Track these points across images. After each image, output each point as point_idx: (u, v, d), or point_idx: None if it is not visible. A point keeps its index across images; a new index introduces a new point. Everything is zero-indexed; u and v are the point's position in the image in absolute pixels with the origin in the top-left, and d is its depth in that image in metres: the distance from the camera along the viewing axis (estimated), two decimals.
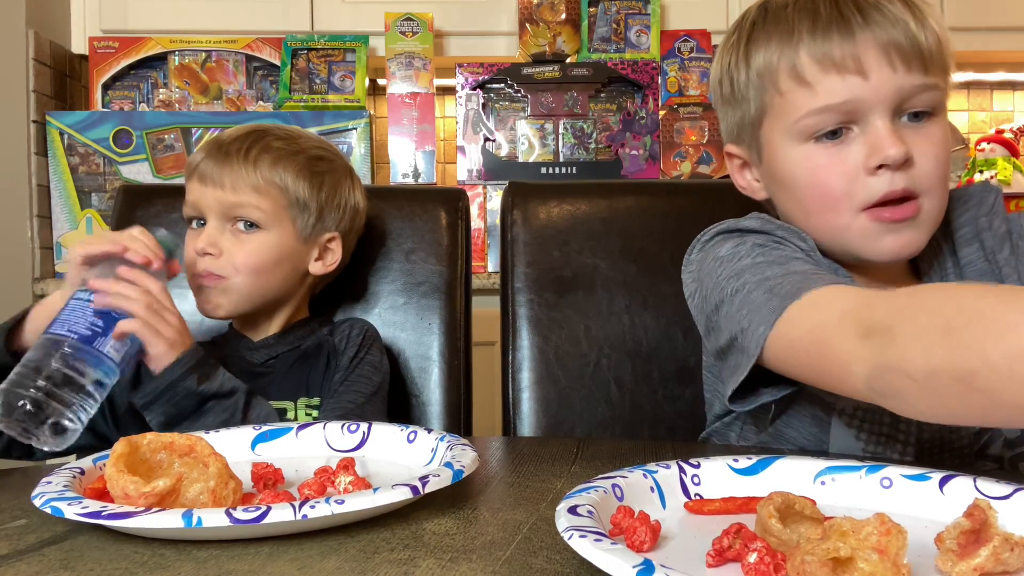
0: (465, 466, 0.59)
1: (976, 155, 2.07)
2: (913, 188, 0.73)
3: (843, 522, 0.42)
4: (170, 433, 0.60)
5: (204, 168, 0.99)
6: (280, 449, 0.74)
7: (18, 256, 1.81)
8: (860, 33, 0.72)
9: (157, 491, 0.53)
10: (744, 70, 0.80)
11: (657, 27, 2.08)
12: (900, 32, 0.72)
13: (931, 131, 0.75)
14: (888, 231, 0.74)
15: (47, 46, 1.93)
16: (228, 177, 0.98)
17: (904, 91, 0.73)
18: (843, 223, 0.76)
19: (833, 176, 0.75)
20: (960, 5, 2.09)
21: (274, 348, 1.03)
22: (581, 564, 0.46)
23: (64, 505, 0.51)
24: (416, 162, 2.02)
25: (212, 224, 0.99)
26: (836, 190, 0.75)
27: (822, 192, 0.76)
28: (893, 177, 0.73)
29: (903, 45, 0.72)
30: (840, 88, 0.73)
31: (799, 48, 0.74)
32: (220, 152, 1.00)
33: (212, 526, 0.49)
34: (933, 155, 0.74)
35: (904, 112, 0.74)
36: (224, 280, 0.98)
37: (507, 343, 1.15)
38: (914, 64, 0.72)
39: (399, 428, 0.74)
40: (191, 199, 1.01)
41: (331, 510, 0.50)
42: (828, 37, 0.73)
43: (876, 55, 0.72)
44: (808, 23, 0.74)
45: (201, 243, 0.98)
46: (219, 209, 0.99)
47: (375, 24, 2.06)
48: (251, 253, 0.99)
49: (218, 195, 0.99)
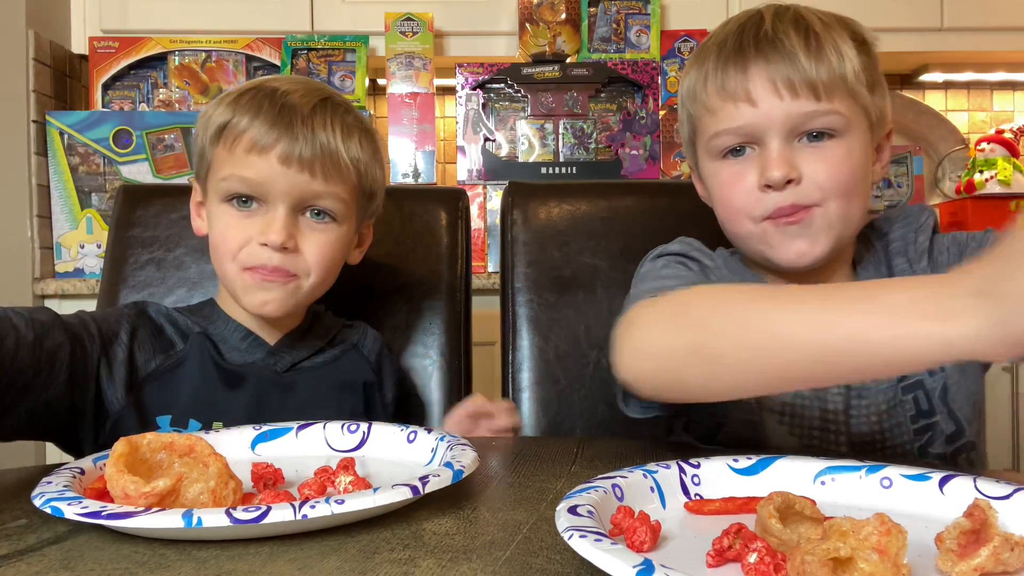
0: (465, 466, 0.59)
1: (976, 155, 2.07)
2: (801, 201, 0.80)
3: (843, 522, 0.42)
4: (170, 433, 0.60)
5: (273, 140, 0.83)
6: (280, 449, 0.74)
7: (18, 256, 1.81)
8: (752, 66, 0.80)
9: (157, 491, 0.53)
10: (680, 93, 0.90)
11: (657, 27, 2.08)
12: (788, 65, 0.79)
13: (828, 150, 0.80)
14: (784, 236, 0.81)
15: (47, 46, 1.93)
16: (319, 162, 0.84)
17: (794, 117, 0.79)
18: (745, 231, 0.84)
19: (734, 192, 0.83)
20: (960, 5, 2.09)
21: (295, 352, 0.94)
22: (581, 564, 0.46)
23: (64, 505, 0.51)
24: (416, 162, 2.02)
25: (283, 212, 0.84)
26: (736, 203, 0.83)
27: (727, 204, 0.85)
28: (782, 194, 0.80)
29: (791, 77, 0.79)
30: (734, 115, 0.81)
31: (707, 78, 0.83)
32: (292, 121, 0.84)
33: (212, 526, 0.49)
34: (826, 172, 0.79)
35: (802, 134, 0.81)
36: (295, 280, 0.86)
37: (507, 343, 1.15)
38: (803, 93, 0.79)
39: (399, 428, 0.74)
40: (253, 177, 0.83)
41: (331, 510, 0.50)
42: (726, 70, 0.81)
43: (764, 86, 0.79)
44: (714, 56, 0.83)
45: (277, 236, 0.83)
46: (298, 196, 0.85)
47: (375, 24, 2.06)
48: (325, 249, 0.87)
49: (301, 180, 0.84)
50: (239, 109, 0.85)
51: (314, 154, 0.84)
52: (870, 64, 0.82)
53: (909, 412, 0.83)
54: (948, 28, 2.11)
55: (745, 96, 0.80)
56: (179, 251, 1.16)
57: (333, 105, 0.88)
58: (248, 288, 0.86)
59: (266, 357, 0.92)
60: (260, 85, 0.88)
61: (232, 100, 0.86)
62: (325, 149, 0.85)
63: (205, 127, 0.88)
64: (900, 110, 2.35)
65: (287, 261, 0.85)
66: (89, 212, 1.89)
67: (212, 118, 0.87)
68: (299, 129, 0.84)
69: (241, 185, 0.84)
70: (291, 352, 0.94)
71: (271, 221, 0.84)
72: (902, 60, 2.26)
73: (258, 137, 0.83)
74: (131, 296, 1.15)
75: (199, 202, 0.93)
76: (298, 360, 0.94)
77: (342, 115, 0.88)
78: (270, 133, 0.83)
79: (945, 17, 2.10)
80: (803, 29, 0.80)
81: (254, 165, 0.83)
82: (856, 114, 0.81)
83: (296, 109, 0.84)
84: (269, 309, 0.87)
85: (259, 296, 0.86)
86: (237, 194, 0.85)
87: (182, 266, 1.15)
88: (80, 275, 1.87)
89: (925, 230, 0.88)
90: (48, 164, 1.87)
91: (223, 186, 0.85)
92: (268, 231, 0.84)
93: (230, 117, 0.85)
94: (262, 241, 0.84)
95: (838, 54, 0.79)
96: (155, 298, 1.15)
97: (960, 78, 2.38)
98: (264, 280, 0.85)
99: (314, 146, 0.84)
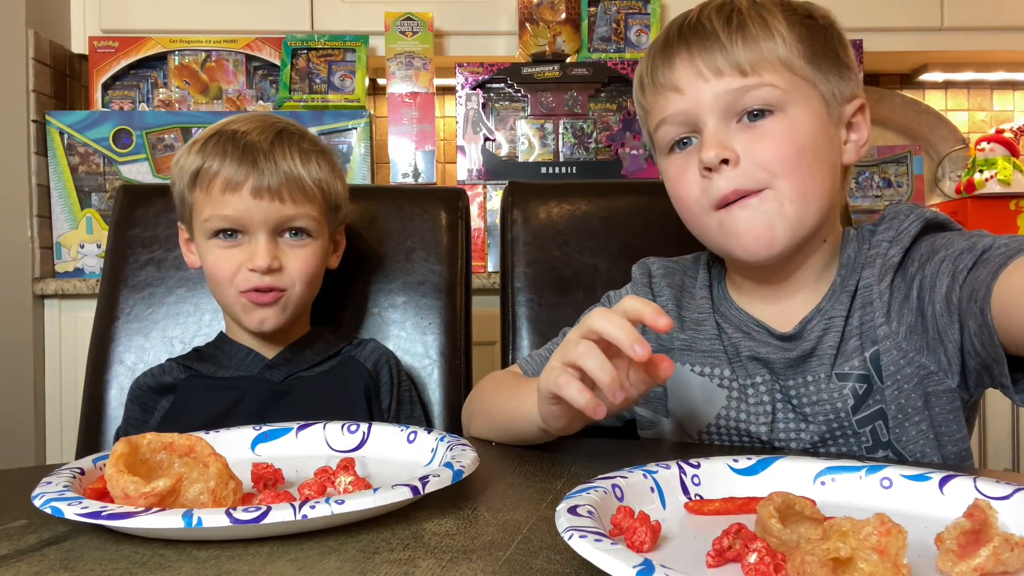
0: (465, 466, 0.59)
1: (976, 155, 2.07)
2: (745, 185, 0.77)
3: (843, 522, 0.42)
4: (170, 433, 0.60)
5: (243, 178, 0.92)
6: (280, 449, 0.74)
7: (18, 256, 1.81)
8: (676, 56, 0.80)
9: (157, 491, 0.53)
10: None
11: (657, 27, 2.08)
12: (710, 48, 0.78)
13: (767, 127, 0.78)
14: (737, 223, 0.78)
15: (47, 46, 1.92)
16: (286, 189, 0.94)
17: (722, 96, 0.78)
18: (701, 226, 0.82)
19: (680, 183, 0.82)
20: (960, 5, 2.09)
21: (293, 365, 1.01)
22: (581, 564, 0.46)
23: (64, 505, 0.51)
24: (416, 162, 2.02)
25: (263, 238, 0.94)
26: (683, 195, 0.82)
27: (677, 198, 0.83)
28: (724, 179, 0.77)
29: (713, 58, 0.78)
30: (665, 105, 0.81)
31: (642, 78, 0.85)
32: (256, 158, 0.93)
33: (212, 526, 0.49)
34: (769, 150, 0.76)
35: (741, 113, 0.78)
36: (284, 294, 0.96)
37: (507, 343, 1.15)
38: (728, 71, 0.77)
39: (399, 428, 0.74)
40: (231, 214, 0.93)
41: (331, 510, 0.50)
42: (655, 65, 0.82)
43: (687, 71, 0.79)
44: (648, 56, 0.84)
45: (262, 261, 0.93)
46: (274, 222, 0.94)
47: (375, 24, 2.06)
48: (306, 263, 0.97)
49: (273, 208, 0.94)
50: (207, 155, 0.95)
51: (280, 182, 0.94)
52: (813, 37, 0.79)
53: (865, 444, 0.79)
54: (948, 28, 2.11)
55: (672, 86, 0.80)
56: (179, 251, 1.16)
57: (288, 135, 0.98)
58: (246, 308, 0.97)
59: (263, 370, 1.00)
60: (221, 130, 0.97)
61: (199, 147, 0.96)
62: (290, 176, 0.94)
63: (180, 175, 0.97)
64: (900, 110, 2.35)
65: (275, 280, 0.96)
66: (89, 212, 1.89)
67: (185, 166, 0.96)
68: (263, 164, 0.93)
69: (223, 222, 0.94)
70: (287, 365, 1.01)
71: (255, 248, 0.94)
72: (902, 60, 2.26)
73: (229, 177, 0.93)
74: (131, 296, 1.15)
75: (187, 239, 1.03)
76: (294, 372, 1.01)
77: (298, 143, 0.98)
78: (239, 172, 0.93)
79: (945, 17, 2.10)
80: (727, 12, 0.79)
81: (231, 203, 0.93)
82: (796, 86, 0.78)
83: (257, 146, 0.94)
84: (267, 325, 0.97)
85: (256, 315, 0.97)
86: (221, 230, 0.95)
87: (182, 266, 1.15)
88: (80, 275, 1.87)
89: (902, 240, 0.79)
90: (48, 164, 1.87)
91: (207, 226, 0.95)
92: (254, 258, 0.94)
93: (201, 163, 0.95)
94: (251, 267, 0.94)
95: (765, 30, 0.78)
96: (155, 298, 1.16)
97: (960, 78, 2.37)
98: (261, 302, 0.96)
99: (279, 176, 0.94)
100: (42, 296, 1.82)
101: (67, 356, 1.81)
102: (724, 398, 0.84)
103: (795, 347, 0.81)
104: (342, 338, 1.08)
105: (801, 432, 0.81)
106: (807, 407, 0.80)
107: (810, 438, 0.80)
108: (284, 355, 1.02)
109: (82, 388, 1.14)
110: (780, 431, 0.82)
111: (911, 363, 0.76)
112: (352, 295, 1.16)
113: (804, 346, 0.80)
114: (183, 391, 0.99)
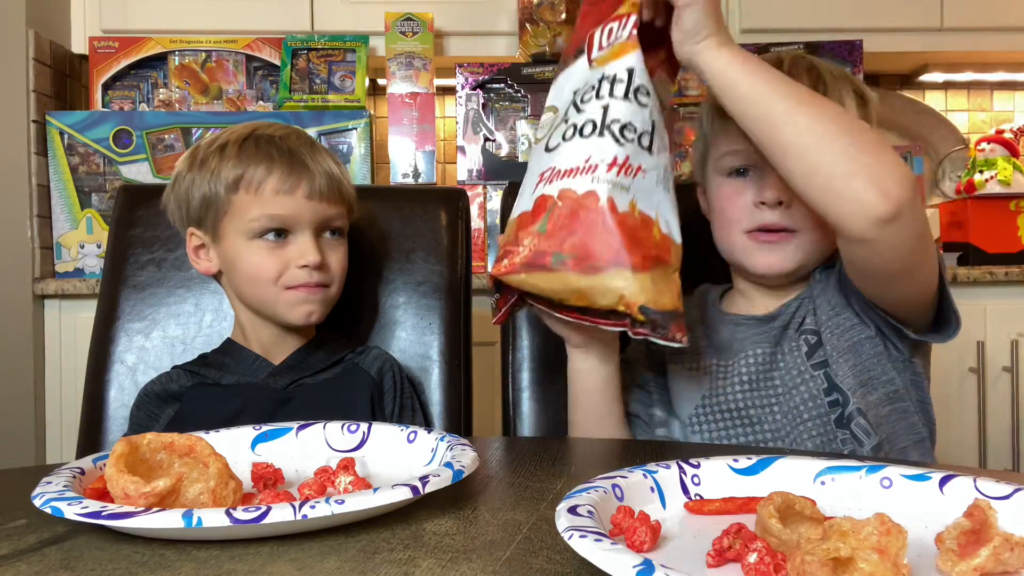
0: (465, 466, 0.59)
1: (976, 155, 2.07)
2: (787, 224, 0.90)
3: (843, 522, 0.42)
4: (170, 433, 0.60)
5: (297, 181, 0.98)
6: (280, 449, 0.74)
7: (18, 256, 1.81)
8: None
9: (157, 491, 0.53)
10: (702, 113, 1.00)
11: None
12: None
13: None
14: (761, 251, 0.92)
15: (47, 46, 1.93)
16: (328, 191, 0.99)
17: None
18: (731, 241, 0.95)
19: (732, 205, 0.94)
20: (960, 5, 2.09)
21: (296, 371, 1.03)
22: (581, 564, 0.46)
23: (64, 505, 0.51)
24: (416, 162, 2.02)
25: (308, 236, 0.99)
26: (731, 215, 0.94)
27: (723, 215, 0.95)
28: (773, 213, 0.90)
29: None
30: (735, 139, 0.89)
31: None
32: (304, 162, 0.99)
33: (212, 526, 0.49)
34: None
35: None
36: (328, 290, 1.02)
37: (507, 343, 1.15)
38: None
39: (399, 428, 0.74)
40: (284, 213, 0.98)
41: (331, 510, 0.50)
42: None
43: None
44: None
45: (314, 257, 0.98)
46: (320, 222, 1.00)
47: (375, 24, 2.06)
48: (342, 261, 1.03)
49: (320, 209, 0.99)
50: (249, 160, 0.98)
51: (327, 185, 1.00)
52: (866, 118, 0.91)
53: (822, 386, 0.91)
54: (948, 28, 2.10)
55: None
56: (180, 251, 1.16)
57: (313, 141, 1.04)
58: (292, 304, 1.00)
59: (267, 377, 1.02)
60: (253, 134, 1.01)
61: (235, 153, 0.99)
62: (332, 178, 1.01)
63: (214, 180, 0.99)
64: (900, 110, 2.35)
65: (323, 276, 1.00)
66: (89, 212, 1.89)
67: (222, 172, 0.99)
68: (313, 167, 0.99)
69: (272, 221, 0.98)
70: (292, 372, 1.02)
71: (304, 246, 0.98)
72: (902, 60, 2.26)
73: (282, 179, 0.98)
74: (132, 296, 1.15)
75: (199, 246, 1.03)
76: (298, 378, 1.02)
77: (321, 148, 1.04)
78: (291, 175, 0.98)
79: (945, 17, 2.10)
80: (815, 76, 0.90)
81: (284, 204, 0.98)
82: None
83: (301, 151, 1.00)
84: (314, 318, 1.01)
85: (304, 308, 1.00)
86: (269, 229, 0.98)
87: (183, 266, 1.15)
88: (80, 275, 1.87)
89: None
90: (48, 164, 1.87)
91: (254, 226, 0.98)
92: (306, 255, 0.98)
93: (244, 169, 0.98)
94: (301, 264, 0.98)
95: (840, 103, 0.88)
96: (156, 298, 1.16)
97: (960, 78, 2.37)
98: (308, 294, 1.00)
99: (325, 178, 1.00)
100: (42, 296, 1.82)
101: (67, 356, 1.81)
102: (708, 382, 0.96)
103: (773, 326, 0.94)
104: (346, 344, 1.08)
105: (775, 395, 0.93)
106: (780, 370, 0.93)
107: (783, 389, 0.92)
108: (289, 362, 1.03)
109: (82, 388, 1.14)
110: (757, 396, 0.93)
111: (839, 315, 0.92)
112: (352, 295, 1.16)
113: (777, 324, 0.94)
114: (189, 399, 1.00)
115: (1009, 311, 1.88)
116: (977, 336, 1.86)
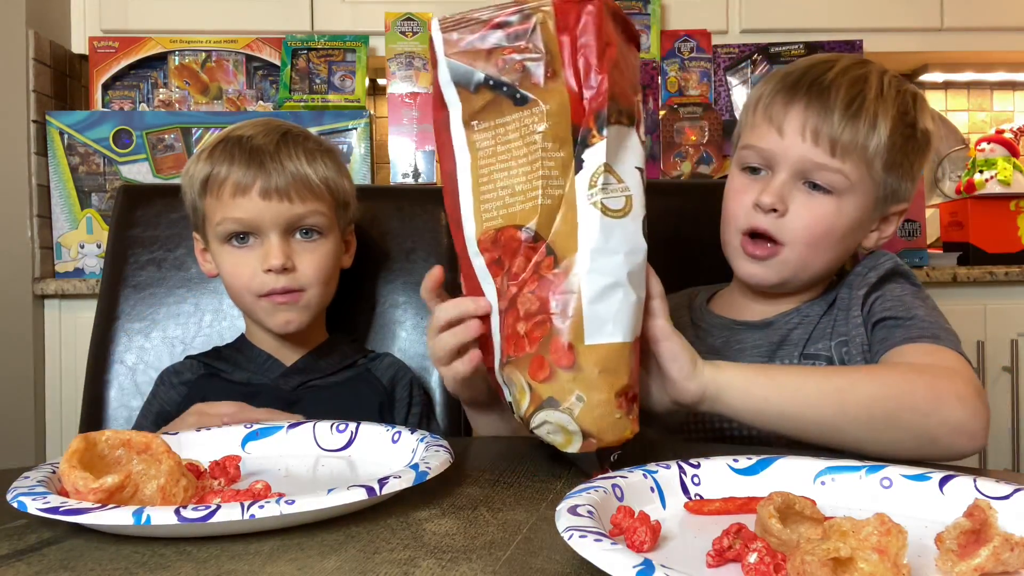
0: (431, 467, 0.59)
1: (976, 155, 2.07)
2: (776, 234, 0.88)
3: (843, 522, 0.42)
4: (128, 431, 0.60)
5: (251, 180, 0.94)
6: (269, 447, 0.75)
7: (18, 256, 1.80)
8: (794, 105, 0.88)
9: (105, 487, 0.54)
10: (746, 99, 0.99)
11: (657, 27, 2.08)
12: (821, 117, 0.86)
13: (817, 202, 0.88)
14: (747, 260, 0.91)
15: (47, 46, 1.92)
16: (293, 188, 0.95)
17: (805, 161, 0.87)
18: (728, 239, 0.94)
19: (734, 200, 0.92)
20: (960, 5, 2.09)
21: (307, 374, 1.02)
22: (581, 564, 0.46)
23: (29, 500, 0.52)
24: (416, 162, 2.02)
25: (276, 239, 0.95)
26: (731, 211, 0.93)
27: (727, 208, 0.94)
28: (766, 218, 0.89)
29: (818, 127, 0.86)
30: (764, 136, 0.89)
31: (761, 98, 0.91)
32: (262, 160, 0.95)
33: (160, 524, 0.49)
34: (807, 219, 0.88)
35: (806, 179, 0.88)
36: (302, 294, 0.97)
37: None
38: (823, 145, 0.86)
39: (385, 428, 0.74)
40: (242, 216, 0.95)
41: (280, 510, 0.51)
42: (775, 98, 0.90)
43: (794, 124, 0.87)
44: (777, 81, 0.91)
45: (276, 260, 0.94)
46: (284, 223, 0.96)
47: (375, 24, 2.06)
48: (319, 262, 0.98)
49: (283, 209, 0.95)
50: (215, 161, 0.96)
51: (288, 182, 0.95)
52: (904, 148, 0.88)
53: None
54: (948, 28, 2.10)
55: (777, 125, 0.88)
56: (180, 251, 1.16)
57: (293, 137, 1.00)
58: (269, 313, 0.98)
59: (277, 378, 1.01)
60: (227, 136, 0.99)
61: (207, 155, 0.98)
62: (296, 176, 0.96)
63: (191, 184, 0.99)
64: None
65: (290, 280, 0.96)
66: (89, 212, 1.89)
67: (195, 174, 0.98)
68: (270, 165, 0.95)
69: (235, 224, 0.96)
70: (302, 373, 1.02)
71: (268, 249, 0.95)
72: (902, 60, 2.26)
73: (238, 180, 0.95)
74: (131, 296, 1.15)
75: (202, 249, 1.04)
76: (307, 380, 1.01)
77: (303, 143, 0.99)
78: (247, 174, 0.95)
79: (945, 17, 2.10)
80: (856, 92, 0.87)
81: (241, 205, 0.95)
82: (863, 182, 0.87)
83: (263, 149, 0.96)
84: (292, 327, 0.99)
85: (280, 317, 0.98)
86: (233, 233, 0.97)
87: (183, 266, 1.15)
88: (80, 275, 1.87)
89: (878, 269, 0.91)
90: (48, 164, 1.87)
91: (220, 230, 0.97)
92: (268, 257, 0.95)
93: (210, 170, 0.96)
94: (265, 268, 0.95)
95: (871, 125, 0.86)
96: (156, 298, 1.16)
97: (960, 78, 2.37)
98: (279, 304, 0.97)
99: (286, 176, 0.95)
100: (42, 296, 1.82)
101: (67, 356, 1.81)
102: None
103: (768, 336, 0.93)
104: (358, 349, 1.08)
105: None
106: None
107: None
108: (301, 364, 1.03)
109: (82, 388, 1.14)
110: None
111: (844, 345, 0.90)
112: (352, 296, 1.16)
113: (773, 336, 0.93)
114: (197, 388, 0.99)
115: (1009, 311, 1.88)
116: (977, 336, 1.86)
